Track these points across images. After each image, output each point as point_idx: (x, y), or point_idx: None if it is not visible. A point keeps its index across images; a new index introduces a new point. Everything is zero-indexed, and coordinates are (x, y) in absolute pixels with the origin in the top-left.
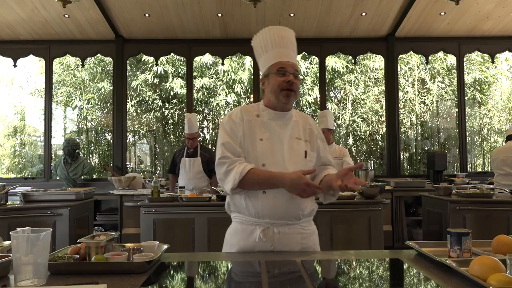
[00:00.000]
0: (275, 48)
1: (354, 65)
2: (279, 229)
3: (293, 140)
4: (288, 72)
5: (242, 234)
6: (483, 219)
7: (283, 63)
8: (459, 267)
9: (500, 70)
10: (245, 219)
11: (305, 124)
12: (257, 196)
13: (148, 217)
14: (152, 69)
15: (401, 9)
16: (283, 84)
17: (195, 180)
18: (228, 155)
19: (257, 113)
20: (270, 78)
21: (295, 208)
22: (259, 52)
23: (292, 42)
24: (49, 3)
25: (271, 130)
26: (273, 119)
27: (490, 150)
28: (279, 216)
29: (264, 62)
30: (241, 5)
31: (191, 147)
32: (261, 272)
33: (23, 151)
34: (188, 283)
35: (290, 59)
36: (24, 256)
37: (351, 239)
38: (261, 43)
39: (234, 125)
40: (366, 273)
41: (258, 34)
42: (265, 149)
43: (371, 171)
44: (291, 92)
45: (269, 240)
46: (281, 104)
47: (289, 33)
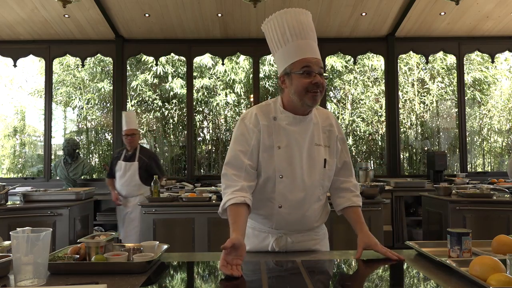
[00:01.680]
0: (296, 40)
1: (354, 65)
2: (293, 238)
3: (312, 147)
4: (314, 72)
5: (254, 239)
6: (483, 219)
7: (308, 61)
8: (459, 267)
9: (500, 70)
10: (257, 226)
11: (325, 124)
12: (272, 210)
13: (148, 217)
14: (152, 69)
15: (401, 9)
16: (309, 86)
17: (129, 188)
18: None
19: (274, 115)
20: (293, 78)
21: (311, 221)
22: (274, 42)
23: (312, 30)
24: (49, 3)
25: (289, 137)
26: (292, 125)
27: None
28: (294, 228)
29: (283, 56)
30: (241, 5)
31: (129, 145)
32: (261, 272)
33: (23, 151)
34: (188, 283)
35: (315, 54)
36: (24, 256)
37: (351, 239)
38: (278, 32)
39: (247, 131)
40: (366, 273)
41: (271, 18)
42: (283, 158)
43: (371, 171)
44: (318, 94)
45: (282, 248)
46: (305, 107)
47: (309, 17)
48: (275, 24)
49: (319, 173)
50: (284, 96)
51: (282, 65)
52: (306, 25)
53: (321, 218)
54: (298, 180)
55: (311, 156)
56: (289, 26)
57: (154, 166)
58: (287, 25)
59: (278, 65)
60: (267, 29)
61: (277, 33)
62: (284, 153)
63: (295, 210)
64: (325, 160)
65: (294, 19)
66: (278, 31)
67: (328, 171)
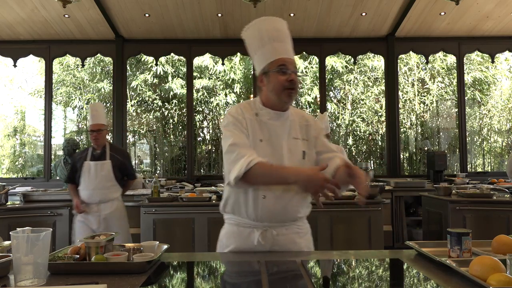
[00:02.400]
0: (273, 42)
1: (354, 65)
2: (277, 231)
3: (291, 140)
4: (289, 70)
5: (239, 237)
6: (483, 219)
7: (284, 60)
8: (459, 267)
9: (500, 70)
10: (242, 221)
11: (301, 120)
12: (257, 200)
13: (148, 217)
14: (152, 69)
15: (401, 9)
16: (285, 83)
17: (103, 191)
18: (239, 143)
19: (255, 111)
20: (270, 76)
21: (294, 211)
22: (253, 46)
23: (288, 36)
24: (49, 3)
25: (270, 131)
26: (272, 119)
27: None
28: (277, 219)
29: (261, 57)
30: (241, 5)
31: (96, 143)
32: (261, 272)
33: (23, 151)
34: (188, 283)
35: (290, 55)
36: (24, 256)
37: (351, 239)
38: (255, 36)
39: (238, 121)
40: (366, 273)
41: (251, 25)
42: (265, 150)
43: (371, 171)
44: (293, 91)
45: (268, 242)
46: (282, 104)
47: (284, 25)
48: (254, 30)
49: (298, 164)
50: (263, 95)
51: (260, 66)
52: (282, 31)
53: (303, 209)
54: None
55: (291, 149)
56: (267, 30)
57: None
58: (265, 30)
59: (257, 67)
60: (247, 36)
61: (256, 38)
62: (266, 146)
63: (279, 200)
64: (304, 152)
65: (271, 26)
66: (256, 36)
67: (307, 162)
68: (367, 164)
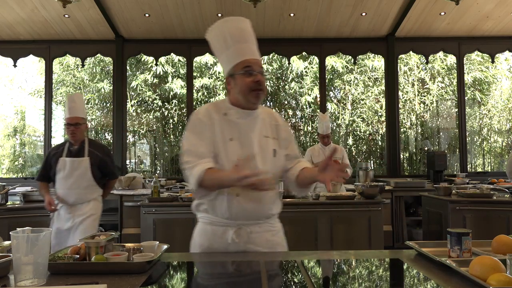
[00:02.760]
0: (236, 44)
1: (354, 65)
2: (251, 229)
3: (262, 138)
4: (254, 71)
5: (213, 235)
6: (483, 219)
7: (249, 62)
8: (459, 267)
9: (500, 70)
10: (215, 219)
11: (271, 120)
12: (231, 198)
13: (148, 217)
14: (152, 69)
15: (401, 9)
16: (251, 84)
17: (79, 191)
18: (190, 160)
19: (224, 111)
20: (236, 79)
21: (267, 208)
22: (218, 48)
23: (251, 35)
24: (49, 3)
25: (240, 130)
26: (241, 118)
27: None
28: (252, 217)
29: (226, 60)
30: (241, 5)
31: (73, 138)
32: (261, 272)
33: (23, 151)
34: (188, 283)
35: (255, 55)
36: (24, 256)
37: (351, 239)
38: (219, 38)
39: (200, 124)
40: (366, 273)
41: (214, 27)
42: (236, 149)
43: (371, 171)
44: (261, 92)
45: (242, 240)
46: (251, 104)
47: (248, 24)
48: (218, 32)
49: (270, 162)
50: (231, 96)
51: (226, 68)
52: (245, 31)
53: (275, 207)
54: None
55: (262, 147)
56: (230, 32)
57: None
58: (228, 32)
59: (223, 69)
60: (211, 38)
61: (219, 40)
62: (236, 144)
63: (252, 198)
64: (274, 150)
65: (234, 27)
66: (220, 38)
67: (278, 161)
68: (367, 164)
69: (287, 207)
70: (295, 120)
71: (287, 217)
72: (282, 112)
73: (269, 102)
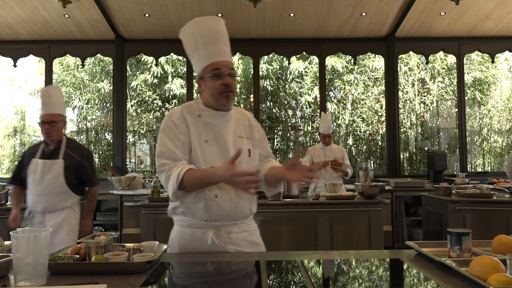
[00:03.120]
0: (206, 45)
1: (354, 65)
2: (229, 229)
3: (237, 139)
4: (223, 74)
5: (192, 238)
6: (483, 219)
7: (218, 64)
8: (459, 267)
9: (500, 70)
10: (194, 222)
11: (244, 120)
12: (209, 200)
13: (148, 217)
14: (152, 69)
15: (401, 9)
16: (220, 87)
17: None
18: (166, 162)
19: (198, 113)
20: (206, 81)
21: (245, 208)
22: (189, 49)
23: (223, 35)
24: (49, 3)
25: (214, 131)
26: (215, 119)
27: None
28: (231, 218)
29: (197, 62)
30: (241, 5)
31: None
32: (261, 272)
33: (23, 151)
34: (188, 283)
35: (224, 57)
36: (24, 256)
37: (351, 239)
38: (190, 39)
39: (174, 127)
40: (366, 273)
41: (185, 27)
42: (212, 151)
43: (371, 171)
44: (230, 93)
45: (222, 241)
46: (222, 107)
47: (219, 24)
48: (189, 32)
49: (245, 162)
50: (203, 98)
51: (197, 70)
52: (216, 32)
53: (252, 206)
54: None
55: (237, 147)
56: (200, 33)
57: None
58: (199, 33)
59: (194, 69)
60: (183, 38)
61: (191, 41)
62: (212, 146)
63: (230, 198)
64: (249, 150)
65: (205, 27)
66: (191, 39)
67: (253, 161)
68: (367, 164)
69: (287, 207)
70: (295, 120)
71: (287, 217)
72: (282, 112)
73: (269, 102)
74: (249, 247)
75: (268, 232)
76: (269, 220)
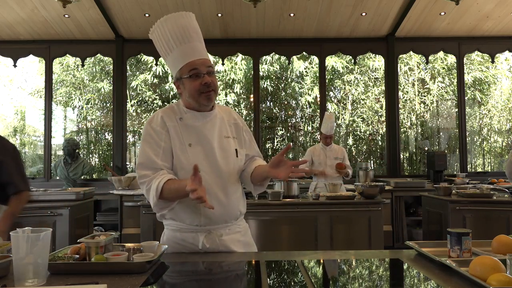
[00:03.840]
0: (180, 45)
1: (354, 65)
2: (221, 232)
3: (222, 139)
4: (201, 73)
5: (183, 242)
6: (483, 219)
7: (195, 63)
8: (459, 267)
9: (500, 70)
10: (184, 226)
11: (229, 118)
12: (197, 205)
13: (148, 217)
14: (152, 69)
15: (401, 9)
16: (200, 87)
17: None
18: (146, 173)
19: (179, 116)
20: (184, 83)
21: (234, 210)
22: (162, 50)
23: (195, 31)
24: (49, 3)
25: (198, 133)
26: (198, 121)
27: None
28: (221, 220)
29: (171, 63)
30: (241, 5)
31: None
32: (261, 272)
33: (23, 151)
34: (188, 283)
35: (200, 55)
36: (24, 256)
37: (351, 239)
38: (162, 40)
39: (155, 134)
40: (366, 273)
41: (154, 28)
42: (196, 154)
43: (371, 171)
44: (211, 93)
45: (213, 244)
46: (203, 107)
47: (190, 19)
48: (159, 32)
49: (233, 163)
50: (183, 100)
51: (173, 72)
52: (187, 28)
53: (242, 207)
54: (216, 172)
55: (223, 148)
56: (171, 32)
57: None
58: (169, 32)
59: (171, 72)
60: (154, 38)
61: (163, 42)
62: (197, 149)
63: (219, 201)
64: (236, 150)
65: (175, 25)
66: (163, 40)
67: (240, 161)
68: (367, 164)
69: (287, 207)
70: (295, 120)
71: (287, 217)
72: (282, 112)
73: (269, 102)
74: (241, 249)
75: (268, 232)
76: (269, 220)
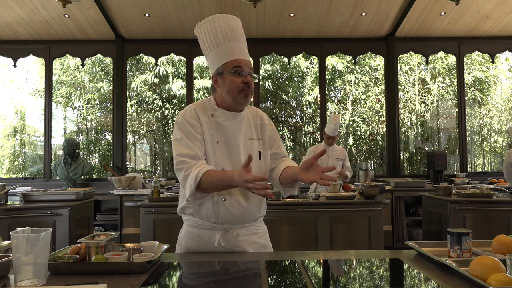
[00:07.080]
0: (228, 42)
1: (354, 65)
2: (237, 232)
3: (247, 141)
4: (244, 72)
5: (199, 239)
6: (483, 219)
7: (240, 62)
8: (459, 267)
9: (500, 70)
10: (202, 223)
11: (256, 119)
12: (217, 202)
13: (148, 217)
14: (152, 69)
15: (401, 9)
16: (241, 85)
17: None
18: (185, 160)
19: (210, 112)
20: (225, 78)
21: (254, 212)
22: (207, 44)
23: (243, 35)
24: (49, 3)
25: (226, 132)
26: (228, 120)
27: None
28: (238, 221)
29: (216, 57)
30: (241, 5)
31: None
32: (261, 272)
33: (23, 151)
34: (188, 283)
35: (246, 56)
36: (24, 256)
37: (351, 239)
38: (210, 35)
39: (190, 126)
40: (366, 273)
41: (204, 22)
42: (223, 152)
43: (371, 171)
44: (249, 93)
45: (229, 243)
46: (238, 105)
47: (239, 24)
48: (208, 28)
49: (255, 165)
50: (217, 96)
51: (214, 66)
52: (236, 30)
53: (261, 209)
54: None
55: (247, 150)
56: (221, 30)
57: None
58: (219, 29)
59: (210, 67)
60: (200, 33)
61: (210, 36)
62: (223, 147)
63: (239, 202)
64: (259, 153)
65: (226, 24)
66: (211, 34)
67: (263, 163)
68: (367, 164)
69: (287, 207)
70: (295, 120)
71: (287, 217)
72: (282, 112)
73: (269, 102)
74: (255, 250)
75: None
76: (269, 220)
